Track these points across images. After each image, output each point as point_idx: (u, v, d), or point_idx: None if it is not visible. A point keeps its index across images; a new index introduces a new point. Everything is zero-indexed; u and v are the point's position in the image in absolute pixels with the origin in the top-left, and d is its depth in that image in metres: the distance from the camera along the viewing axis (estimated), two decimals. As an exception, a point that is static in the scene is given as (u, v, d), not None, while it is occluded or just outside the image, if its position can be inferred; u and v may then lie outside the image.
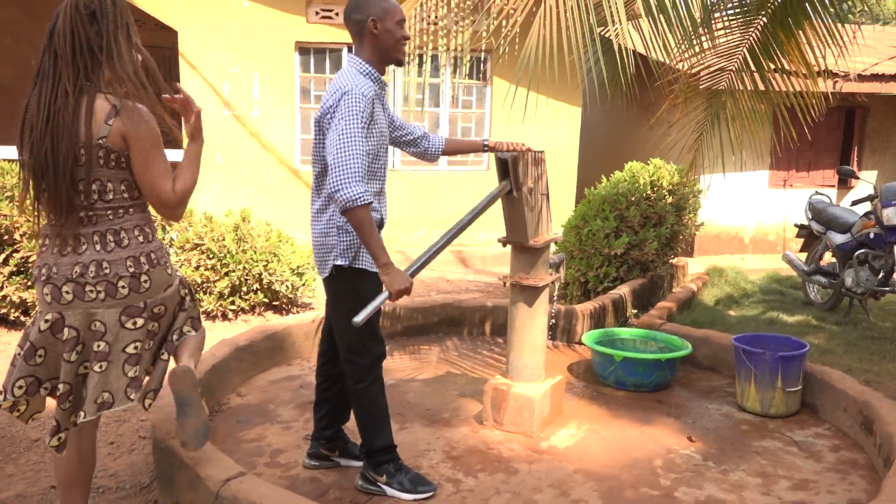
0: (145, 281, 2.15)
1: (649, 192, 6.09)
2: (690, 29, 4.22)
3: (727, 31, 5.17)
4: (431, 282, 7.30)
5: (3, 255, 4.76)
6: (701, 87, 5.69)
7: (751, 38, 5.24)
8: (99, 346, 2.10)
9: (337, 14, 7.43)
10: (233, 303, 5.22)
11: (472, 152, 3.13)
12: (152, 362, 2.29)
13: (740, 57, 5.39)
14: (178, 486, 2.38)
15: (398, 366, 4.22)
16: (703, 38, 4.83)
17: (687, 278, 6.87)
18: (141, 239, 2.16)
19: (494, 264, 8.21)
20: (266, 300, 5.38)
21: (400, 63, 2.61)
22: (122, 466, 3.04)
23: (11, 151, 6.36)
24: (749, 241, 9.37)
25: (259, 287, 5.31)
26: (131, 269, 2.12)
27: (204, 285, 5.15)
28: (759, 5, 5.07)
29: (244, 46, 7.19)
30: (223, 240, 5.24)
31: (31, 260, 4.77)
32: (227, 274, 5.18)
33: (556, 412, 3.39)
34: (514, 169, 2.93)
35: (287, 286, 5.38)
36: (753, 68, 5.30)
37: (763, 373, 3.49)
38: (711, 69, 5.49)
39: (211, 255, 5.15)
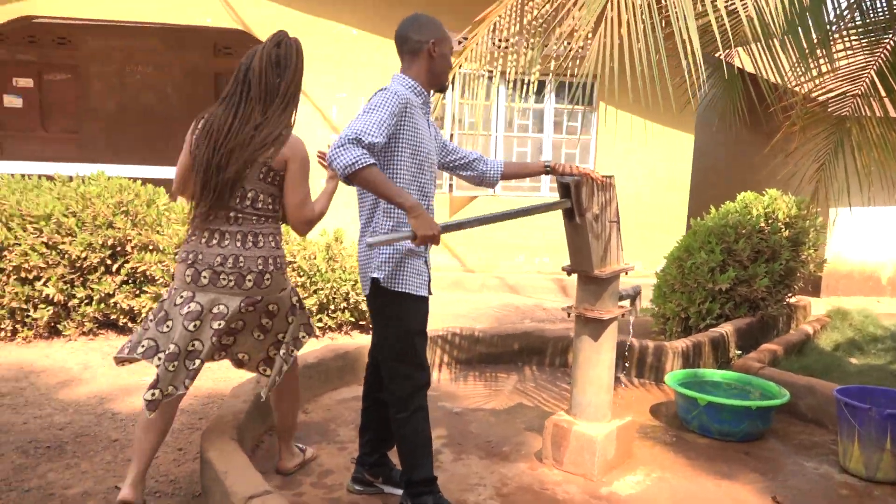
0: (267, 279, 2.55)
1: (762, 224, 5.65)
2: (807, 51, 3.87)
3: (849, 52, 4.73)
4: (527, 309, 7.14)
5: (116, 265, 5.13)
6: (821, 113, 5.23)
7: (879, 60, 4.76)
8: (213, 325, 2.49)
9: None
10: (320, 320, 5.33)
11: (533, 175, 3.01)
12: (265, 355, 2.72)
13: (867, 80, 4.91)
14: (212, 499, 2.40)
15: (469, 392, 4.11)
16: (822, 61, 4.45)
17: (808, 320, 6.29)
18: (273, 244, 2.60)
19: (596, 295, 7.92)
20: (352, 319, 5.44)
21: (444, 89, 2.59)
22: (183, 473, 3.12)
23: (138, 171, 6.89)
24: (887, 282, 8.48)
25: (346, 306, 5.39)
26: (260, 267, 2.53)
27: (294, 302, 5.28)
28: (888, 23, 4.61)
29: (352, 72, 7.43)
30: (314, 258, 5.37)
31: (139, 270, 5.10)
32: (315, 292, 5.29)
33: (623, 456, 3.15)
34: (576, 194, 2.78)
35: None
36: (883, 93, 4.81)
37: (869, 431, 3.08)
38: (832, 94, 5.04)
39: (301, 273, 5.29)
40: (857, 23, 4.65)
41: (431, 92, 2.60)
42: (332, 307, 5.37)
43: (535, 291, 7.81)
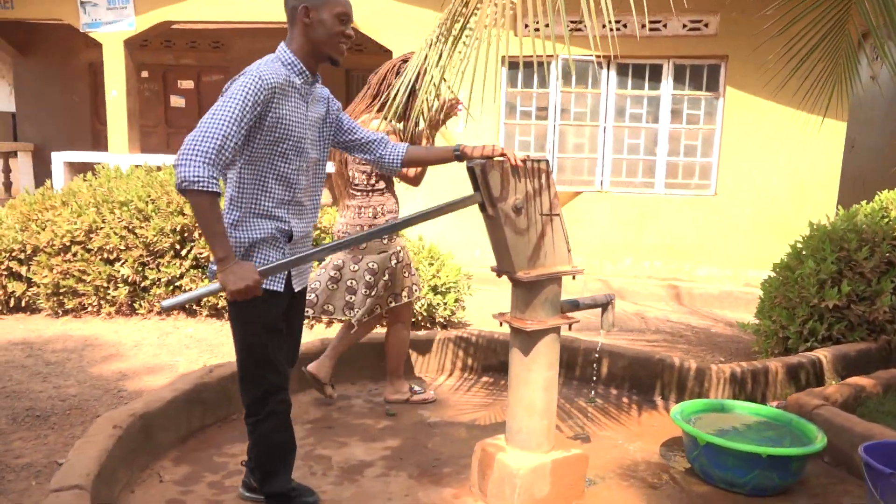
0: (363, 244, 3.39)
1: (900, 230, 4.58)
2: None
3: None
4: (622, 317, 6.46)
5: (185, 251, 5.43)
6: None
7: None
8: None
9: (547, 25, 7.04)
10: (366, 314, 5.22)
11: (440, 162, 2.60)
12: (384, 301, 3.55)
13: None
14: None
15: (462, 402, 3.76)
16: None
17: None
18: (370, 214, 3.43)
19: (717, 305, 6.98)
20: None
21: (334, 62, 2.29)
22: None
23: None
24: None
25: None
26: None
27: (341, 294, 5.23)
28: None
29: (453, 62, 7.22)
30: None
31: (203, 255, 5.36)
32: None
33: (563, 496, 2.64)
34: (483, 181, 2.36)
35: (424, 304, 5.20)
36: None
37: (891, 501, 2.29)
38: None
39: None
40: None
41: (318, 66, 2.33)
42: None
43: (641, 298, 7.07)
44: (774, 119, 6.73)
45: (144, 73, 10.73)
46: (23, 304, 5.63)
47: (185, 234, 5.42)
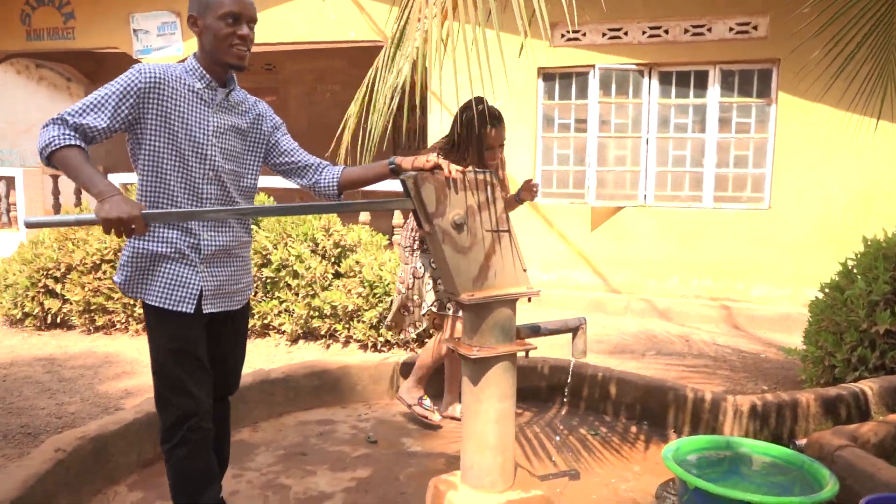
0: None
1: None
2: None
3: None
4: (665, 339, 6.06)
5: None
6: None
7: None
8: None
9: (584, 35, 6.78)
10: (381, 334, 5.07)
11: (377, 179, 2.40)
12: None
13: None
14: None
15: (449, 431, 3.53)
16: None
17: None
18: (411, 225, 3.55)
19: (772, 328, 6.45)
20: (415, 337, 5.09)
21: (234, 67, 2.16)
22: None
23: (272, 181, 7.32)
24: None
25: (409, 321, 5.05)
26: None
27: (356, 313, 5.11)
28: None
29: (486, 76, 7.03)
30: (383, 268, 5.14)
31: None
32: (378, 304, 5.06)
33: (522, 541, 2.38)
34: (416, 194, 2.16)
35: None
36: None
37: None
38: None
39: (365, 284, 5.10)
40: None
41: (224, 75, 2.22)
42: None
43: (689, 319, 6.62)
44: (833, 125, 6.19)
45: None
46: (58, 320, 5.81)
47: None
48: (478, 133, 3.31)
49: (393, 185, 5.45)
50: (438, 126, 7.16)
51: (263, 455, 3.18)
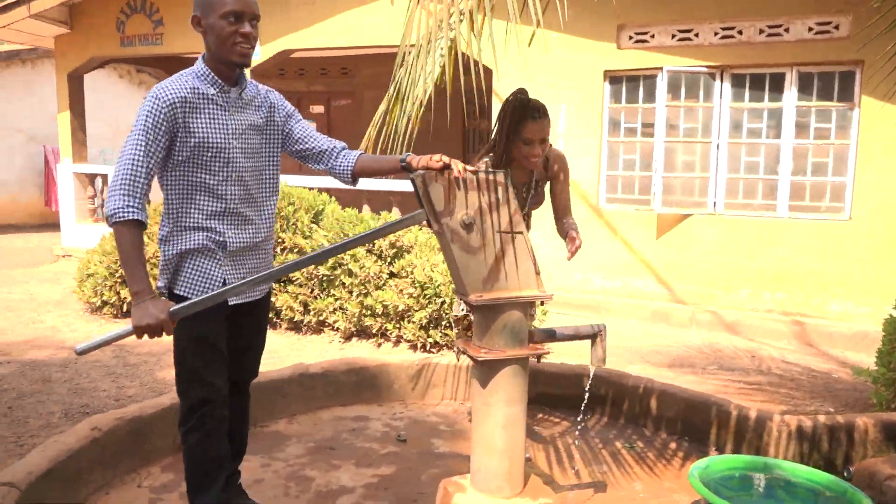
0: None
1: None
2: None
3: None
4: (730, 353, 5.81)
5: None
6: None
7: None
8: None
9: (653, 36, 6.59)
10: (430, 336, 5.10)
11: (388, 172, 2.41)
12: None
13: None
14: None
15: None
16: None
17: None
18: None
19: (849, 346, 6.06)
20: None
21: (238, 65, 2.22)
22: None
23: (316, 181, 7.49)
24: None
25: (457, 323, 5.05)
26: None
27: (406, 313, 5.16)
28: None
29: (551, 79, 6.95)
30: (435, 269, 5.17)
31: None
32: (427, 304, 5.09)
33: (527, 549, 2.34)
34: (424, 193, 2.17)
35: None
36: None
37: None
38: None
39: (416, 284, 5.14)
40: None
41: (237, 72, 2.29)
42: (444, 322, 5.10)
43: (758, 333, 6.31)
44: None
45: (282, 100, 11.50)
46: (133, 309, 6.14)
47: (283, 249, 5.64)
48: (516, 126, 2.98)
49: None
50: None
51: (294, 447, 3.26)
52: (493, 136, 3.14)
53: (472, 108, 2.73)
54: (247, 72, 8.46)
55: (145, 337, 2.00)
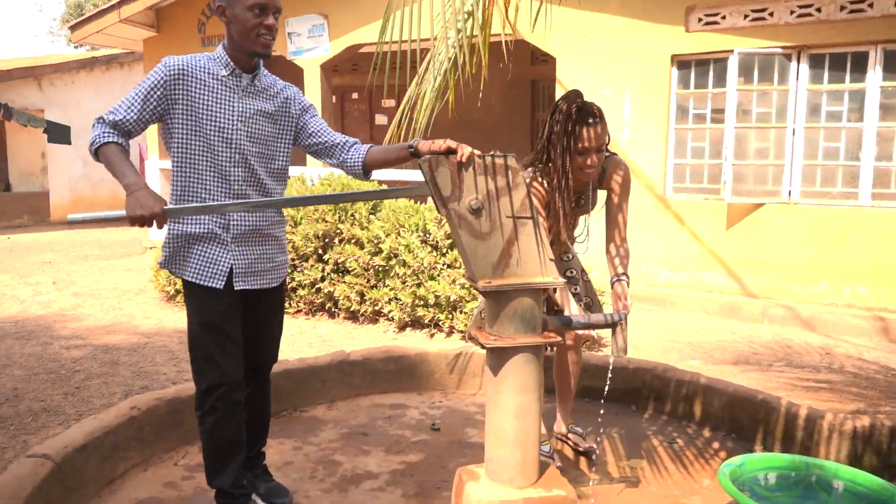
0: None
1: None
2: None
3: None
4: (801, 350, 5.49)
5: (326, 255, 5.77)
6: None
7: None
8: None
9: (724, 17, 6.29)
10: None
11: (397, 161, 2.38)
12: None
13: None
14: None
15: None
16: None
17: None
18: None
19: (935, 343, 5.61)
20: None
21: (261, 55, 2.28)
22: None
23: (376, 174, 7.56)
24: None
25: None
26: None
27: (458, 303, 5.16)
28: None
29: (616, 66, 6.76)
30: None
31: (339, 261, 5.66)
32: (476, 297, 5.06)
33: (539, 542, 2.29)
34: (431, 178, 2.15)
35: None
36: None
37: None
38: None
39: (468, 275, 5.12)
40: None
41: (252, 62, 2.34)
42: (496, 314, 5.06)
43: (836, 330, 5.94)
44: None
45: (354, 95, 11.69)
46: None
47: (327, 240, 5.77)
48: (569, 133, 2.68)
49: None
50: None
51: (328, 431, 3.32)
52: (540, 145, 2.83)
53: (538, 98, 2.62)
54: (318, 68, 8.58)
55: (136, 225, 2.01)
